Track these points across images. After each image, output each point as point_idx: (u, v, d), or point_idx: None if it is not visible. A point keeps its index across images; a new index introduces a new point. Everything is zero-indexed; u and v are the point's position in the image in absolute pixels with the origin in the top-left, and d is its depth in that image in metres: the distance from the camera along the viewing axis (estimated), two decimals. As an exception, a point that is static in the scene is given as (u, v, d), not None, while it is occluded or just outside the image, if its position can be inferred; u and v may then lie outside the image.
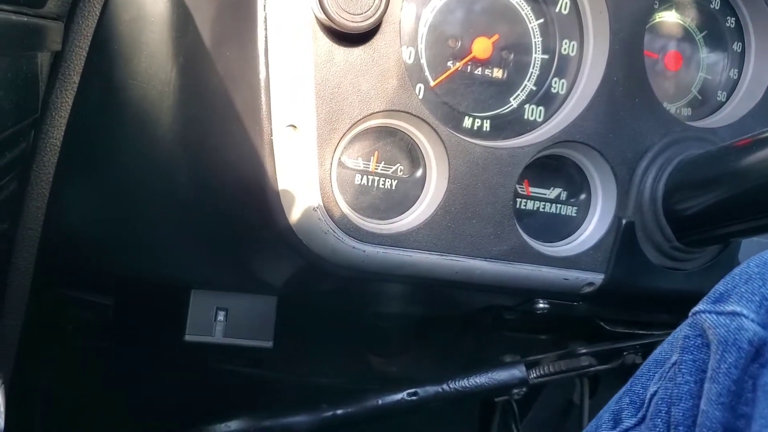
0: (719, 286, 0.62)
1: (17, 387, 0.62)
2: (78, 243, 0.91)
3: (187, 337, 0.94)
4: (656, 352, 0.67)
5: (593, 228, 0.89)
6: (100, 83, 0.83)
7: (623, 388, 0.68)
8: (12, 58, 0.60)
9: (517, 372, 1.05)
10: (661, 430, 0.63)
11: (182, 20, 0.84)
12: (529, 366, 1.07)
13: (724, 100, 0.97)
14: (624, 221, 0.88)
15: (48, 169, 0.78)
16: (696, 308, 0.62)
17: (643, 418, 0.65)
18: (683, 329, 0.63)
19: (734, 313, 0.58)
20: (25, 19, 0.61)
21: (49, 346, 1.16)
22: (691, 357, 0.61)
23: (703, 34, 0.96)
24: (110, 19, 0.82)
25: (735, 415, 0.57)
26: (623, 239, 0.88)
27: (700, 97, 0.97)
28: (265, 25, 0.76)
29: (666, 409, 0.63)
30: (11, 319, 0.81)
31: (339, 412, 1.04)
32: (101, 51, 0.81)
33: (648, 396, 0.65)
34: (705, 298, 0.62)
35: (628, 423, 0.66)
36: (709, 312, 0.60)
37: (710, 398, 0.58)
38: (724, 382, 0.57)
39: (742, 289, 0.59)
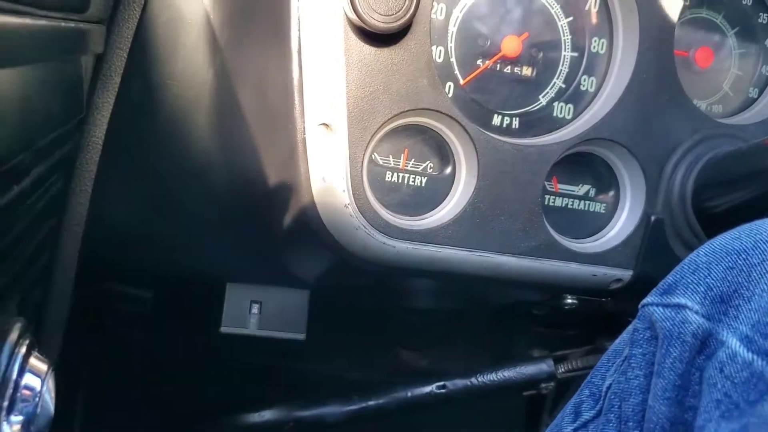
0: (668, 277, 0.60)
1: (61, 376, 0.65)
2: (119, 238, 0.95)
3: (223, 329, 0.97)
4: (615, 343, 0.66)
5: (622, 224, 0.90)
6: (140, 83, 0.86)
7: (586, 380, 0.67)
8: (59, 62, 0.62)
9: (545, 366, 1.06)
10: (614, 424, 0.62)
11: (218, 22, 0.86)
12: (557, 361, 1.08)
13: (755, 96, 0.96)
14: (653, 218, 0.88)
15: (91, 166, 0.81)
16: (645, 300, 0.61)
17: (600, 412, 0.64)
18: (634, 322, 0.62)
19: (679, 306, 0.57)
20: (72, 24, 0.63)
21: (90, 337, 1.20)
22: (640, 351, 0.61)
23: (734, 30, 0.95)
24: (149, 21, 0.85)
25: (682, 408, 0.56)
26: (652, 236, 0.88)
27: (731, 94, 0.96)
28: (299, 26, 0.78)
29: (618, 403, 0.62)
30: (57, 311, 0.84)
31: (370, 403, 1.07)
32: (141, 52, 0.84)
33: (604, 389, 0.64)
34: (654, 289, 0.61)
35: (587, 416, 0.66)
36: (657, 305, 0.59)
37: (656, 393, 0.57)
38: (668, 376, 0.57)
39: (689, 280, 0.58)
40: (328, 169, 0.79)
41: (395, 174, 0.85)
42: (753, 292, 0.55)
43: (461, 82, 0.85)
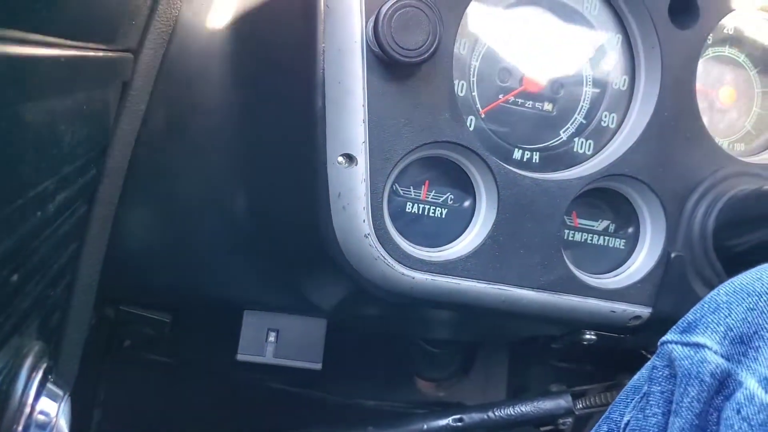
0: (689, 315, 0.60)
1: (77, 398, 0.65)
2: (139, 263, 0.96)
3: (239, 357, 0.97)
4: (634, 378, 0.65)
5: (641, 261, 0.89)
6: (165, 111, 0.87)
7: (604, 415, 0.67)
8: (87, 92, 0.64)
9: (563, 402, 1.05)
10: None
11: (244, 52, 0.87)
12: (576, 396, 1.06)
13: (779, 135, 0.96)
14: (673, 255, 0.87)
15: (114, 192, 0.82)
16: (664, 338, 0.61)
17: None
18: (653, 359, 0.62)
19: (698, 345, 0.57)
20: (100, 54, 0.65)
21: (108, 359, 1.21)
22: (659, 388, 0.60)
23: (757, 69, 0.95)
24: (176, 51, 0.86)
25: None
26: (672, 273, 0.87)
27: (753, 132, 0.96)
28: (323, 57, 0.79)
29: None
30: (75, 333, 0.85)
31: (385, 434, 1.06)
32: (167, 81, 0.85)
33: (623, 425, 0.64)
34: (674, 327, 0.61)
35: None
36: (676, 342, 0.59)
37: None
38: (686, 416, 0.56)
39: (709, 319, 0.58)
40: (348, 199, 0.80)
41: (416, 205, 0.85)
42: None
43: (482, 115, 0.86)
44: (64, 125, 0.57)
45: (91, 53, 0.62)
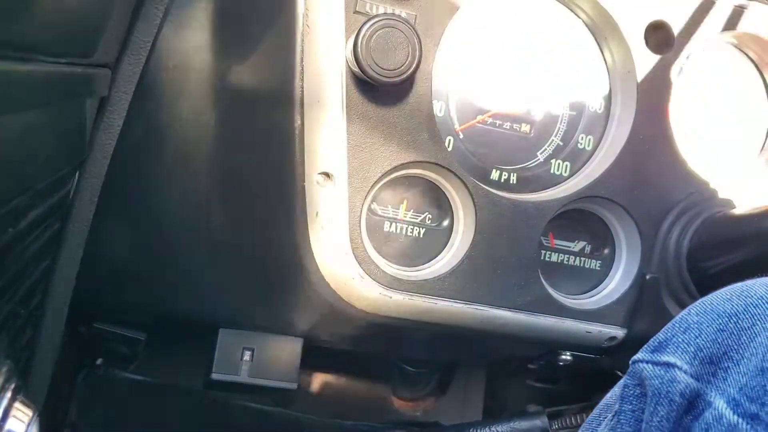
0: (660, 335, 0.61)
1: (47, 417, 0.64)
2: (114, 279, 0.94)
3: (214, 376, 0.96)
4: (607, 397, 0.66)
5: (617, 282, 0.90)
6: (143, 126, 0.86)
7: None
8: (63, 107, 0.63)
9: (539, 422, 1.05)
10: None
11: (223, 68, 0.87)
12: (552, 417, 1.06)
13: (751, 159, 0.97)
14: (648, 277, 0.88)
15: (89, 208, 0.81)
16: (636, 356, 0.61)
17: None
18: (625, 378, 0.62)
19: (668, 364, 0.58)
20: (78, 69, 0.64)
21: (79, 378, 1.19)
22: (630, 407, 0.61)
23: (731, 94, 0.97)
24: (155, 67, 0.86)
25: None
26: (647, 295, 0.88)
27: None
28: (302, 77, 0.79)
29: None
30: (46, 351, 0.84)
31: (360, 455, 1.05)
32: (145, 96, 0.85)
33: None
34: (645, 346, 0.61)
35: None
36: (647, 362, 0.60)
37: None
38: None
39: (679, 339, 0.59)
40: (326, 218, 0.80)
41: (393, 224, 0.85)
42: (742, 355, 0.55)
43: (461, 135, 0.86)
44: (39, 140, 0.56)
45: (68, 68, 0.61)
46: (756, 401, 0.52)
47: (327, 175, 0.79)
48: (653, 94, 0.87)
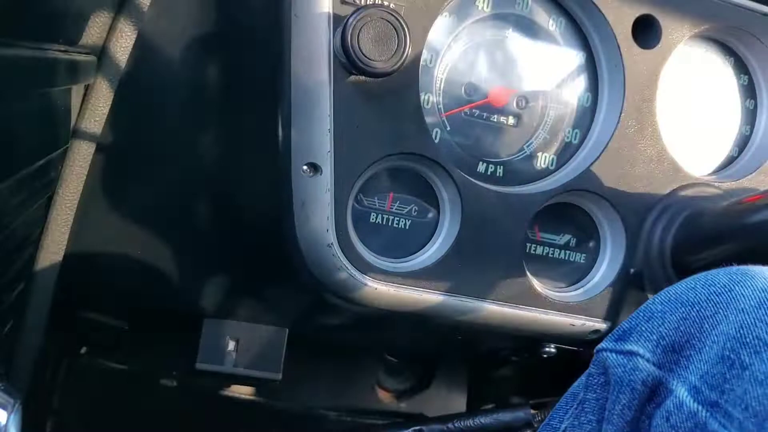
0: (624, 323, 0.61)
1: (30, 406, 0.63)
2: (98, 268, 0.94)
3: (198, 366, 0.96)
4: (574, 385, 0.66)
5: (601, 276, 0.90)
6: (128, 114, 0.86)
7: (545, 422, 0.68)
8: (48, 93, 0.63)
9: (522, 414, 1.06)
10: None
11: (210, 57, 0.87)
12: (535, 408, 1.07)
13: (735, 155, 0.98)
14: (632, 271, 0.89)
15: (73, 196, 0.81)
16: (600, 345, 0.62)
17: None
18: (590, 367, 0.63)
19: (631, 353, 0.58)
20: (63, 55, 0.63)
21: (63, 366, 1.18)
22: (594, 396, 0.61)
23: (716, 90, 0.97)
24: (141, 55, 0.85)
25: None
26: (630, 289, 0.89)
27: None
28: (290, 65, 0.78)
29: None
30: (29, 339, 0.83)
31: (344, 445, 1.05)
32: (130, 84, 0.84)
33: (561, 431, 0.65)
34: (610, 335, 0.62)
35: None
36: (610, 350, 0.60)
37: None
38: (618, 423, 0.57)
39: (643, 327, 0.59)
40: (312, 209, 0.80)
41: (380, 216, 0.85)
42: (704, 343, 0.55)
43: (447, 126, 0.86)
44: (23, 126, 0.55)
45: (53, 54, 0.61)
46: (716, 389, 0.53)
47: (313, 165, 0.79)
48: (640, 88, 0.88)
